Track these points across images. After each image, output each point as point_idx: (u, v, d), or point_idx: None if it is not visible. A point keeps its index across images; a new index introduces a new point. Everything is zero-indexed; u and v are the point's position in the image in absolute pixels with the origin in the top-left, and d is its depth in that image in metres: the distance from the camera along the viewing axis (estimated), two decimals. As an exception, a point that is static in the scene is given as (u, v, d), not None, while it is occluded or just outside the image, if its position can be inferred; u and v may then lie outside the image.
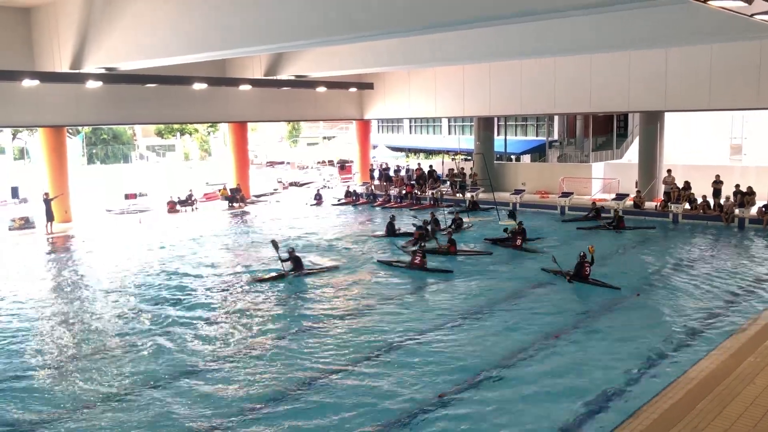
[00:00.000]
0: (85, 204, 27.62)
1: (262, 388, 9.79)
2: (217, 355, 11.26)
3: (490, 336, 11.87)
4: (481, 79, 29.06)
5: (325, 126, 67.16)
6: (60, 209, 24.71)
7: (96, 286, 16.18)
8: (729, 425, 7.77)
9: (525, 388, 9.50)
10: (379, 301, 14.33)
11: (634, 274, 16.45)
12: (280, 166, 51.37)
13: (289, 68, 23.98)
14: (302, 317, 13.29)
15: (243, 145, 32.16)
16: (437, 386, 9.66)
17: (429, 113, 33.13)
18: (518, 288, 15.12)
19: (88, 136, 55.66)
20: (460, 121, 48.70)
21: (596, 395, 9.20)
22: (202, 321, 13.13)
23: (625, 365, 10.26)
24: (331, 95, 32.13)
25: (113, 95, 24.58)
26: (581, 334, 11.92)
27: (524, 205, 27.17)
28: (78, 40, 17.98)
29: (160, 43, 15.64)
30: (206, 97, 27.45)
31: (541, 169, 33.33)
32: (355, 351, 11.24)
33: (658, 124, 26.63)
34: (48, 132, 24.95)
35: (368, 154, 37.47)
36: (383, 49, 20.36)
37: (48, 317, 13.71)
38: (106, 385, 10.01)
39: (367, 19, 12.09)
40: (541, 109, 29.51)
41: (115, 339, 12.19)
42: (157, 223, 25.20)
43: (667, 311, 13.23)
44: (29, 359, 11.25)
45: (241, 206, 29.39)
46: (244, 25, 13.83)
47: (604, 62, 25.32)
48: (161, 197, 29.43)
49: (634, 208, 24.59)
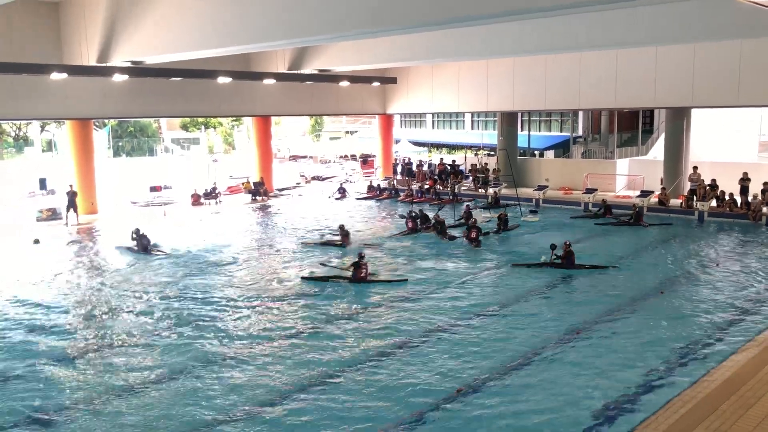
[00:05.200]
0: (111, 196, 27.99)
1: (285, 379, 9.88)
2: (241, 346, 11.39)
3: (509, 332, 11.83)
4: (505, 74, 28.88)
5: (348, 120, 67.18)
6: (86, 201, 25.12)
7: (121, 277, 16.44)
8: (752, 428, 7.67)
9: (544, 386, 9.45)
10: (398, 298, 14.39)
11: (658, 271, 16.31)
12: (303, 160, 51.53)
13: (312, 62, 24.04)
14: (322, 312, 13.35)
15: (266, 139, 32.33)
16: (456, 381, 9.65)
17: (452, 108, 33.01)
18: (537, 285, 15.04)
19: (115, 129, 56.31)
20: (483, 116, 48.41)
21: (617, 393, 9.13)
22: (230, 312, 13.29)
23: (647, 363, 10.17)
24: (354, 90, 32.15)
25: (139, 88, 24.85)
26: (603, 331, 11.83)
27: (547, 201, 26.98)
28: (105, 34, 18.21)
29: (186, 37, 15.80)
30: (230, 91, 27.63)
31: (565, 165, 33.09)
32: (373, 346, 11.28)
33: (684, 121, 26.27)
34: (75, 124, 25.31)
35: (390, 149, 37.46)
36: (407, 44, 20.32)
37: (76, 307, 13.95)
38: (134, 374, 10.18)
39: (391, 14, 12.07)
40: (566, 105, 29.25)
41: (143, 328, 12.40)
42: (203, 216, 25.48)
43: (691, 310, 13.09)
44: (52, 349, 11.45)
45: (264, 199, 29.57)
46: (270, 19, 13.90)
47: (631, 57, 25.01)
48: (186, 190, 29.74)
49: (659, 205, 24.32)
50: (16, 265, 17.71)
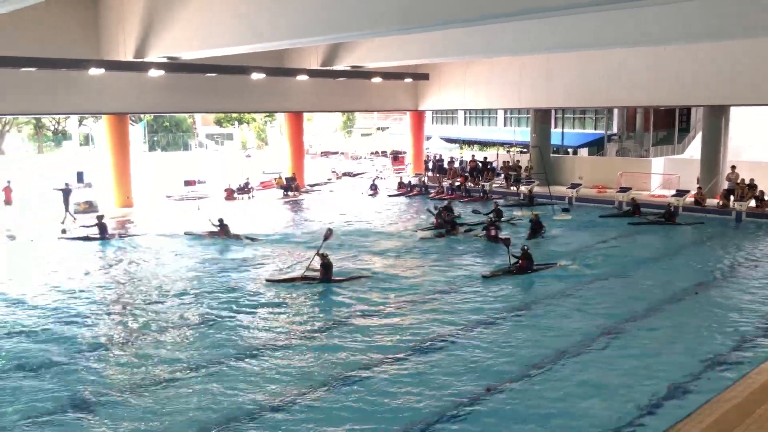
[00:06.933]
0: (146, 190, 28.45)
1: (312, 375, 9.99)
2: (271, 339, 11.53)
3: (542, 330, 11.77)
4: (539, 70, 28.60)
5: (380, 117, 67.19)
6: (122, 195, 25.59)
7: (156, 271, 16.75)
8: (790, 432, 7.53)
9: (577, 385, 9.39)
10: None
11: (693, 271, 16.05)
12: (334, 156, 51.76)
13: (345, 59, 24.11)
14: (345, 309, 13.37)
15: (299, 135, 32.52)
16: (485, 379, 9.64)
17: (485, 104, 32.82)
18: (568, 285, 14.89)
19: (150, 124, 57.24)
20: (516, 113, 48.08)
21: (651, 394, 9.02)
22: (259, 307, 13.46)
23: (679, 365, 10.02)
24: (386, 86, 32.14)
25: (174, 84, 25.16)
26: (634, 332, 11.69)
27: (580, 200, 26.68)
28: (142, 30, 18.51)
29: (221, 33, 15.97)
30: (264, 87, 27.84)
31: (599, 163, 32.70)
32: (400, 344, 11.32)
33: (723, 119, 25.74)
34: (112, 119, 25.77)
35: (422, 146, 37.38)
36: (440, 40, 20.24)
37: (115, 299, 14.27)
38: (171, 363, 10.38)
39: (425, 10, 12.05)
40: (601, 102, 28.89)
41: (179, 320, 12.62)
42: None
43: (727, 311, 12.84)
44: (87, 340, 11.69)
45: (295, 195, 29.78)
46: (305, 15, 13.98)
47: (668, 54, 24.54)
48: (219, 185, 30.09)
49: (694, 205, 23.89)
50: (52, 257, 18.17)
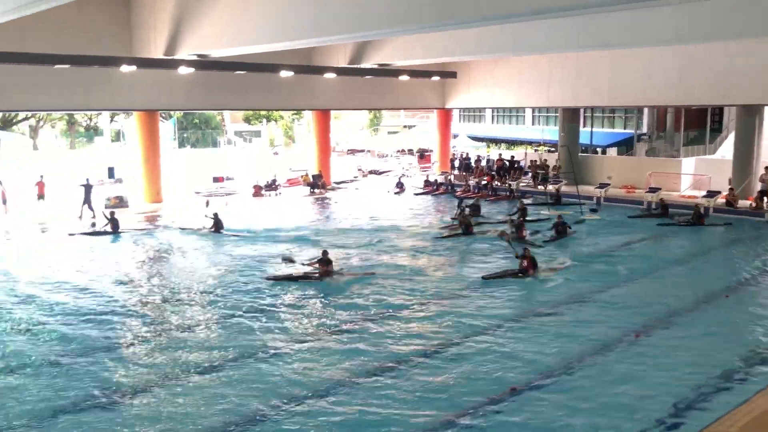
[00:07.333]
0: (176, 186, 28.82)
1: (335, 372, 10.05)
2: (299, 335, 11.62)
3: (568, 331, 11.69)
4: (568, 69, 28.35)
5: (406, 115, 67.15)
6: (152, 190, 25.97)
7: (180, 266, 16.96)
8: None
9: (605, 387, 9.33)
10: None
11: (724, 273, 15.83)
12: (361, 154, 51.87)
13: (373, 57, 24.15)
14: (373, 306, 13.45)
15: (326, 133, 32.65)
16: (510, 380, 9.61)
17: (514, 103, 32.60)
18: (598, 286, 14.74)
19: (180, 121, 57.90)
20: (544, 112, 47.69)
21: (672, 400, 8.92)
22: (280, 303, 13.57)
23: (708, 369, 9.88)
24: (413, 84, 32.14)
25: (204, 81, 25.45)
26: (663, 335, 11.57)
27: (609, 200, 26.38)
28: (173, 27, 18.76)
29: (251, 31, 16.12)
30: (292, 85, 28.01)
31: (628, 163, 32.29)
32: (424, 342, 11.34)
33: (756, 118, 25.27)
34: (142, 116, 26.16)
35: (448, 144, 37.30)
36: (468, 38, 20.18)
37: (146, 292, 14.51)
38: (198, 357, 10.53)
39: (453, 8, 12.02)
40: (631, 101, 28.51)
41: (207, 315, 12.78)
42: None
43: (757, 314, 12.61)
44: (118, 332, 11.91)
45: (322, 192, 29.92)
46: (333, 13, 14.04)
47: (700, 52, 24.16)
48: (247, 181, 30.36)
49: (726, 206, 23.48)
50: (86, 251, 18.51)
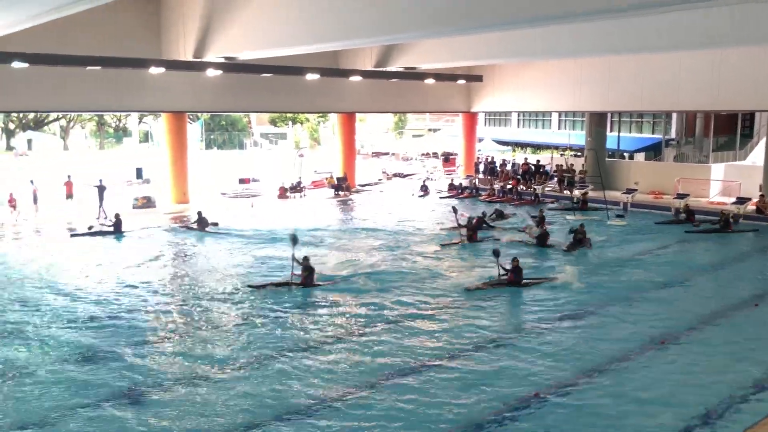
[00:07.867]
0: (202, 186, 29.11)
1: (359, 372, 10.09)
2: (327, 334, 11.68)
3: (593, 338, 11.57)
4: (596, 73, 28.06)
5: (431, 118, 67.07)
6: (179, 191, 26.28)
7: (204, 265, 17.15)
8: None
9: (625, 394, 9.24)
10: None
11: (753, 282, 15.53)
12: (385, 157, 51.92)
13: (399, 60, 24.16)
14: (391, 309, 13.44)
15: (351, 136, 32.75)
16: (534, 385, 9.56)
17: (541, 107, 32.40)
18: (628, 291, 14.60)
19: (207, 123, 58.54)
20: (570, 116, 47.27)
21: (707, 405, 8.83)
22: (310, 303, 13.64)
23: (736, 378, 9.73)
24: (439, 87, 32.09)
25: (231, 84, 25.67)
26: (689, 343, 11.40)
27: (636, 205, 26.09)
28: (202, 30, 18.97)
29: (278, 34, 16.24)
30: (318, 88, 28.12)
31: (656, 169, 31.89)
32: (447, 346, 11.31)
33: (789, 124, 24.84)
34: (170, 117, 26.48)
35: (473, 148, 37.16)
36: (495, 42, 20.08)
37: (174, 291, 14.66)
38: (223, 355, 10.65)
39: (481, 11, 11.98)
40: (661, 106, 28.14)
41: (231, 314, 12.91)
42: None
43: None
44: (146, 331, 12.08)
45: (346, 195, 30.01)
46: (361, 16, 14.07)
47: (732, 57, 23.75)
48: (272, 183, 30.55)
49: (756, 213, 23.09)
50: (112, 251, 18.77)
